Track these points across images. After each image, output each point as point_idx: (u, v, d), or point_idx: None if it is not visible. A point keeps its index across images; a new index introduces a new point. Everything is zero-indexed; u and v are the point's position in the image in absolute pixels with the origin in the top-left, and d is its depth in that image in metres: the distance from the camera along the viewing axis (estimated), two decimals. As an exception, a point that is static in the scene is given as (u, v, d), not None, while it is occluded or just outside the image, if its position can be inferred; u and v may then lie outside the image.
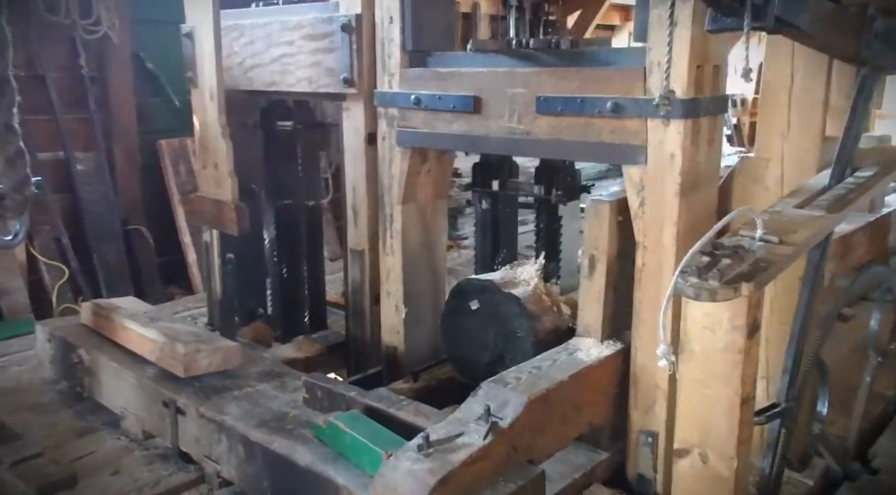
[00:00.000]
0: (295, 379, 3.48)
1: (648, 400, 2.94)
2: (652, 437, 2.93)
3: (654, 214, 2.83)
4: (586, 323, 3.12)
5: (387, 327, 3.91)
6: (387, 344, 3.99)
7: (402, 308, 3.77)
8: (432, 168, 3.74)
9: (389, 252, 3.79)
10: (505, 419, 2.58)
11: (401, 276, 3.75)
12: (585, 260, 3.08)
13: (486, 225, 3.96)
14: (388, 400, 2.96)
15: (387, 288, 3.84)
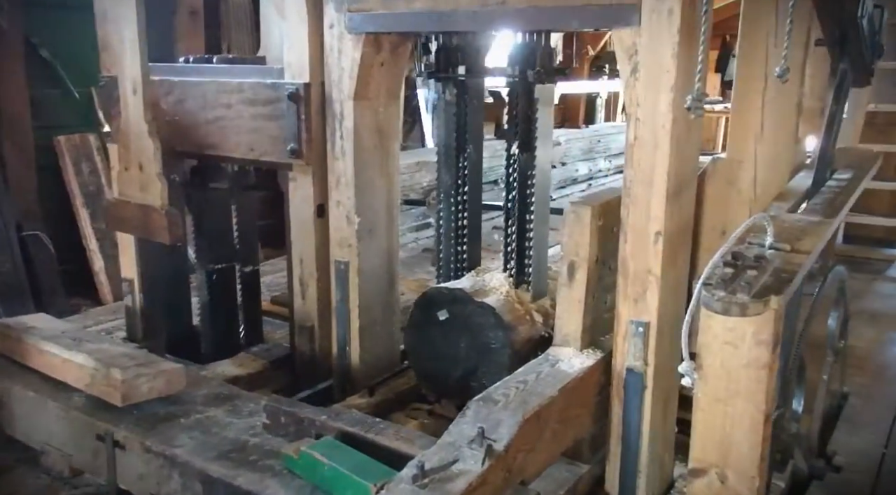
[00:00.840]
0: (248, 402, 3.19)
1: (639, 288, 2.77)
2: (643, 327, 2.76)
3: (648, 80, 2.60)
4: (565, 332, 3.00)
5: (336, 240, 3.59)
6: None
7: (355, 217, 3.46)
8: (386, 61, 3.43)
9: (339, 155, 3.47)
10: (500, 441, 2.42)
11: (353, 181, 3.44)
12: (564, 267, 2.95)
13: (450, 120, 3.48)
14: (365, 424, 2.73)
15: (336, 197, 3.52)
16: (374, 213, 3.64)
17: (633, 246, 2.78)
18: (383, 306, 3.76)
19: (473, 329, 3.13)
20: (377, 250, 3.69)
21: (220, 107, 3.72)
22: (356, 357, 3.70)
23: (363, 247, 3.59)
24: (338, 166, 3.53)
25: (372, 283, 3.67)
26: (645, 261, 2.76)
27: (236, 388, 3.38)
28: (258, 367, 3.93)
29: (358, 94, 3.40)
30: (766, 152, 2.99)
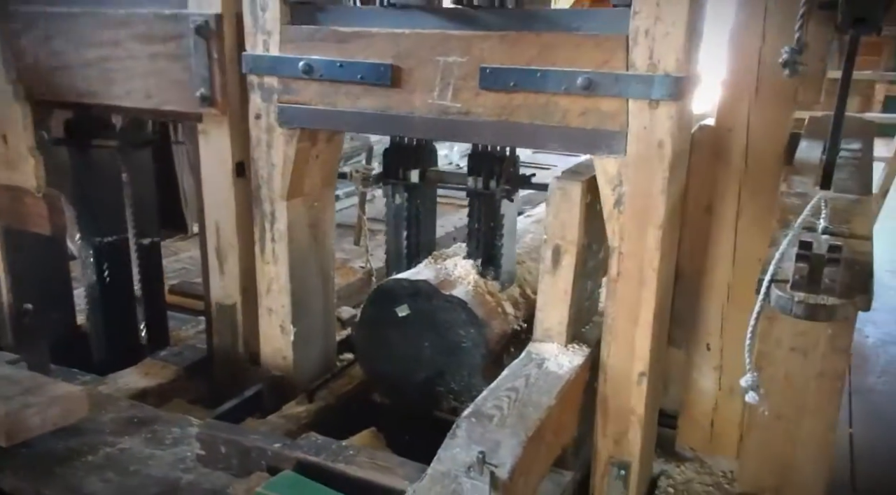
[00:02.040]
0: (171, 426, 2.63)
1: (621, 427, 2.57)
2: (625, 470, 2.58)
3: (634, 214, 2.38)
4: (548, 326, 2.63)
5: (268, 342, 3.14)
6: (268, 357, 3.22)
7: (290, 328, 3.03)
8: (322, 152, 2.97)
9: (271, 260, 3.00)
10: (502, 466, 2.03)
11: (287, 288, 2.99)
12: (548, 251, 2.57)
13: (399, 223, 3.13)
14: (330, 451, 2.26)
15: (268, 304, 3.06)
16: (312, 320, 3.15)
17: (614, 386, 2.53)
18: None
19: (440, 326, 2.70)
20: (313, 362, 3.23)
21: (105, 45, 3.00)
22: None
23: (299, 358, 3.11)
24: (270, 271, 3.01)
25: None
26: (626, 402, 2.51)
27: (152, 408, 2.80)
28: (169, 375, 3.33)
29: (291, 193, 2.89)
30: (761, 119, 2.71)
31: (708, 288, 2.93)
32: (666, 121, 2.26)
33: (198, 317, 4.14)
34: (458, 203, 6.65)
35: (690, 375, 3.05)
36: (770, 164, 2.74)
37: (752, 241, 2.82)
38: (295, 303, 3.03)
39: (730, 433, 3.03)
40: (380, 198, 7.17)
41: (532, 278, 3.10)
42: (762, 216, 2.79)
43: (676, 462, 3.03)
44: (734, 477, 2.95)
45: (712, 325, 2.96)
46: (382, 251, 3.35)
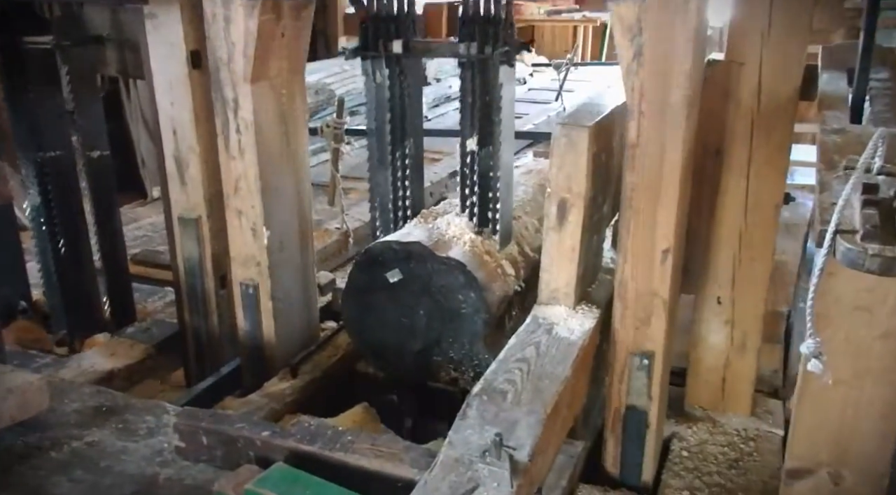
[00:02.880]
0: (144, 414, 2.38)
1: (642, 313, 2.35)
2: (648, 359, 2.36)
3: (656, 67, 2.10)
4: (554, 287, 2.41)
5: (238, 250, 2.82)
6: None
7: (263, 231, 2.72)
8: (288, 28, 2.63)
9: (237, 154, 2.68)
10: (521, 448, 1.83)
11: (257, 186, 2.67)
12: (552, 206, 2.34)
13: (381, 107, 2.72)
14: (325, 438, 2.03)
15: (236, 205, 2.75)
16: (285, 223, 2.85)
17: (636, 267, 2.31)
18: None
19: (436, 292, 2.47)
20: (292, 273, 2.93)
21: None
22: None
23: (275, 268, 2.81)
24: (236, 167, 2.69)
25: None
26: (648, 284, 2.31)
27: (122, 395, 2.53)
28: (138, 354, 3.07)
29: (256, 75, 2.57)
30: (775, 53, 2.48)
31: (718, 237, 2.73)
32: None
33: (164, 288, 3.86)
34: (431, 156, 6.40)
35: (699, 330, 2.87)
36: (784, 102, 2.53)
37: (765, 186, 2.62)
38: (267, 205, 2.71)
39: (742, 390, 2.88)
40: (350, 155, 6.88)
41: (529, 234, 2.88)
42: (776, 159, 2.59)
43: (687, 422, 2.87)
44: (748, 436, 2.82)
45: (723, 277, 2.77)
46: (359, 209, 3.09)
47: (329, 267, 4.33)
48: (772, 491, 2.54)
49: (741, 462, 2.69)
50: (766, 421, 2.90)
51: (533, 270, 2.77)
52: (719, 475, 2.62)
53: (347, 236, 4.59)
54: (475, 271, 2.42)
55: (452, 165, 6.25)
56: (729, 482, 2.58)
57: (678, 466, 2.66)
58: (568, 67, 8.55)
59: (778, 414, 2.94)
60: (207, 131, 2.81)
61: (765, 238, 2.67)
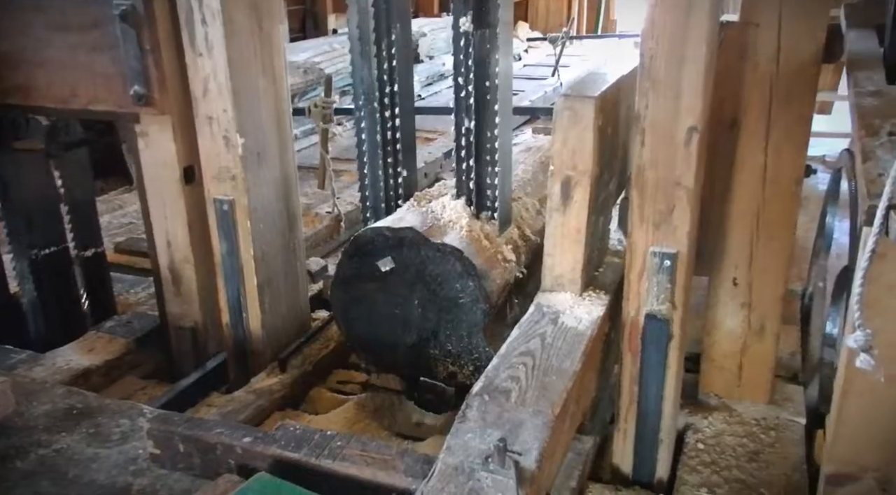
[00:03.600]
0: (118, 417, 2.20)
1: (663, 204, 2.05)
2: (670, 260, 2.07)
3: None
4: (559, 272, 2.23)
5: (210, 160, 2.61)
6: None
7: (237, 140, 2.51)
8: None
9: (203, 49, 2.44)
10: (528, 453, 1.65)
11: (228, 86, 2.44)
12: (556, 185, 2.15)
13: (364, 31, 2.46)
14: (312, 443, 1.85)
15: (206, 111, 2.52)
16: (262, 130, 2.63)
17: (655, 149, 2.02)
18: (284, 253, 2.83)
19: (431, 280, 2.28)
20: (270, 180, 2.71)
21: (14, 34, 2.59)
22: (255, 322, 2.77)
23: (252, 178, 2.60)
24: (203, 65, 2.47)
25: (267, 225, 2.71)
26: (671, 171, 2.03)
27: (94, 396, 2.35)
28: (117, 350, 2.89)
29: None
30: (794, 12, 2.28)
31: (734, 215, 2.54)
32: None
33: (149, 278, 3.67)
34: (425, 136, 6.19)
35: (715, 314, 2.69)
36: (806, 65, 2.32)
37: (785, 159, 2.43)
38: (239, 110, 2.48)
39: (761, 377, 2.71)
40: (342, 136, 6.66)
41: (530, 216, 2.69)
42: (797, 128, 2.39)
43: (702, 412, 2.70)
44: (768, 426, 2.65)
45: (739, 257, 2.58)
46: (350, 192, 2.91)
47: (321, 253, 4.14)
48: (796, 485, 2.38)
49: (762, 454, 2.51)
50: (786, 408, 2.73)
51: (535, 255, 2.59)
52: (739, 469, 2.45)
53: (339, 220, 4.39)
54: (473, 258, 2.24)
55: (448, 145, 6.06)
56: (750, 477, 2.41)
57: (694, 460, 2.49)
58: (564, 41, 8.29)
59: (798, 401, 2.77)
60: (201, 243, 2.74)
61: (784, 214, 2.48)
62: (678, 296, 2.12)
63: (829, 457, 1.53)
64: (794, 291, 3.53)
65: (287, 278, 2.86)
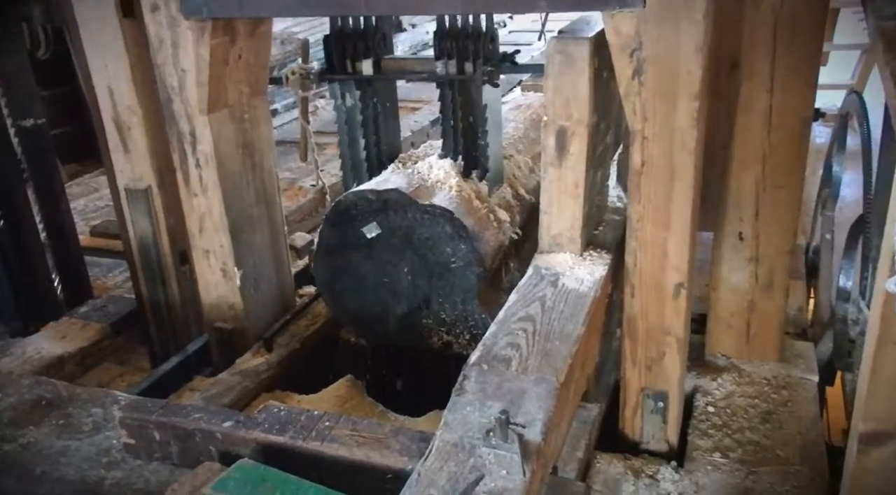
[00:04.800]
0: (90, 406, 2.05)
1: (654, 352, 2.14)
2: (662, 401, 2.17)
3: (660, 86, 1.86)
4: (556, 231, 2.09)
5: (209, 290, 2.56)
6: (212, 308, 2.64)
7: (234, 271, 2.48)
8: (245, 50, 2.34)
9: (198, 191, 2.41)
10: (532, 426, 1.51)
11: (223, 223, 2.43)
12: (550, 137, 1.99)
13: (354, 131, 2.47)
14: (298, 425, 1.71)
15: (203, 245, 2.49)
16: (259, 258, 2.58)
17: (645, 302, 2.07)
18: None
19: (420, 245, 2.13)
20: (267, 304, 2.65)
21: None
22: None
23: (250, 304, 2.56)
24: (199, 205, 2.41)
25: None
26: (660, 321, 2.08)
27: (65, 385, 2.20)
28: (93, 336, 2.73)
29: (213, 105, 2.27)
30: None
31: (738, 164, 2.38)
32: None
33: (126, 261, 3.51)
34: (410, 105, 6.00)
35: (719, 270, 2.55)
36: (816, 5, 2.17)
37: (792, 101, 2.27)
38: (236, 241, 2.46)
39: (770, 334, 2.58)
40: (324, 109, 6.44)
41: (523, 174, 2.54)
42: (805, 66, 2.23)
43: (710, 374, 2.57)
44: (780, 385, 2.53)
45: (745, 209, 2.43)
46: (334, 165, 2.76)
47: (305, 227, 3.98)
48: (812, 444, 2.27)
49: (775, 414, 2.39)
50: (797, 366, 2.61)
51: (530, 215, 2.44)
52: (752, 431, 2.33)
53: (324, 193, 4.22)
54: (464, 219, 2.08)
55: (434, 113, 5.87)
56: (764, 438, 2.29)
57: (705, 424, 2.37)
58: (550, 4, 8.04)
59: (809, 358, 2.65)
60: (147, 89, 2.48)
61: (792, 159, 2.33)
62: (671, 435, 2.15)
63: (864, 415, 1.40)
64: (798, 246, 3.40)
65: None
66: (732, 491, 2.08)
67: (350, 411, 2.33)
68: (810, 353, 2.67)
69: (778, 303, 2.53)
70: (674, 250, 1.99)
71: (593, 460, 2.15)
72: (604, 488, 2.05)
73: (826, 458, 2.20)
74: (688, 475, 2.15)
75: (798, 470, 2.15)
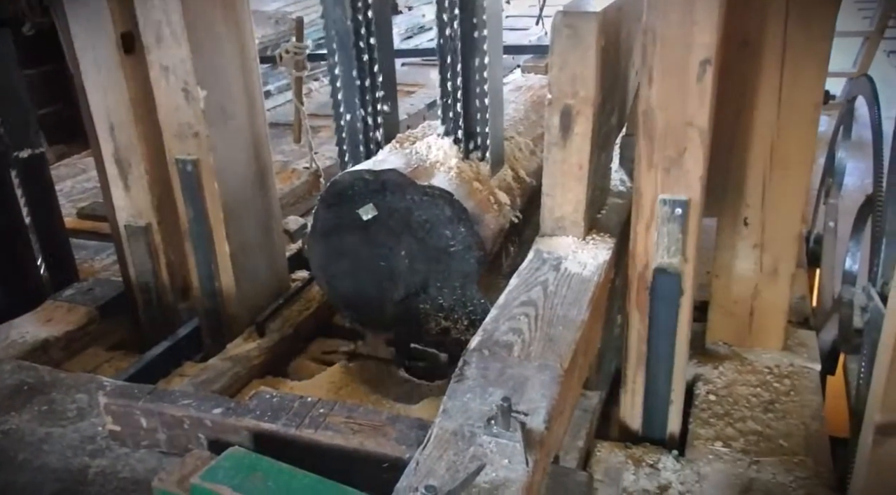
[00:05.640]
0: (74, 391, 1.98)
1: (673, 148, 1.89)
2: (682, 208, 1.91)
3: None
4: (559, 214, 2.02)
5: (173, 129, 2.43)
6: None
7: (198, 91, 2.30)
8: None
9: None
10: (535, 413, 1.45)
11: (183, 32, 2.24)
12: (555, 116, 1.92)
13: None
14: (291, 411, 1.64)
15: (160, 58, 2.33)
16: (225, 82, 2.39)
17: (664, 86, 1.84)
18: (257, 212, 2.60)
19: (419, 228, 2.05)
20: (238, 137, 2.47)
21: None
22: (229, 283, 2.55)
23: (218, 135, 2.36)
24: (152, 5, 2.21)
25: (237, 185, 2.47)
26: (682, 110, 1.85)
27: (48, 369, 2.13)
28: (79, 320, 2.65)
29: None
30: None
31: (745, 146, 2.31)
32: None
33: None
34: (406, 89, 5.92)
35: (723, 257, 2.49)
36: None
37: (803, 81, 2.19)
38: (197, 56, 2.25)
39: (773, 323, 2.53)
40: (318, 92, 6.33)
41: (524, 156, 2.46)
42: (816, 45, 2.15)
43: (711, 362, 2.52)
44: (782, 373, 2.48)
45: (751, 195, 2.37)
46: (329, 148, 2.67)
47: (299, 210, 3.91)
48: (815, 434, 2.22)
49: (777, 403, 2.34)
50: (800, 354, 2.55)
51: (530, 198, 2.37)
52: (754, 420, 2.28)
53: (318, 176, 4.14)
54: (464, 201, 2.01)
55: (430, 96, 5.79)
56: (766, 428, 2.23)
57: (706, 413, 2.31)
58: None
59: (812, 347, 2.60)
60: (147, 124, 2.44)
61: (801, 143, 2.27)
62: (690, 247, 1.92)
63: (880, 405, 1.35)
64: (801, 233, 3.35)
65: (262, 238, 2.64)
66: (735, 482, 2.03)
67: (344, 398, 2.27)
68: (813, 342, 2.62)
69: (783, 291, 2.48)
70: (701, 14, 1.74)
71: (594, 449, 2.09)
72: (605, 477, 2.00)
73: (830, 449, 2.16)
74: (689, 464, 2.09)
75: (802, 460, 2.10)
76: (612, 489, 1.94)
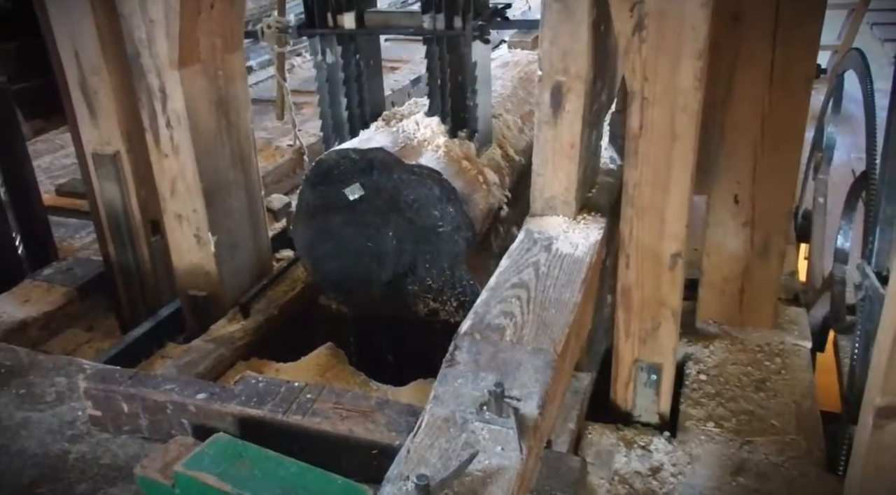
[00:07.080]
0: (53, 374, 1.93)
1: (649, 323, 2.05)
2: (656, 374, 2.10)
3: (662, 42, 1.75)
4: (550, 194, 1.98)
5: (182, 257, 2.45)
6: (185, 275, 2.52)
7: (209, 237, 2.39)
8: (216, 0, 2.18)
9: (169, 151, 2.30)
10: (528, 399, 1.42)
11: (197, 186, 2.32)
12: (546, 93, 1.87)
13: (335, 90, 2.29)
14: (278, 397, 1.60)
15: (175, 209, 2.39)
16: (235, 224, 2.48)
17: (640, 273, 1.98)
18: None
19: (406, 207, 2.01)
20: (242, 269, 2.56)
21: None
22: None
23: (227, 274, 2.47)
24: (170, 166, 2.31)
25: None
26: (656, 292, 1.99)
27: (26, 351, 2.07)
28: (58, 299, 2.60)
29: (184, 59, 2.16)
30: None
31: (736, 122, 2.28)
32: None
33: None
34: (390, 65, 5.81)
35: (713, 235, 2.47)
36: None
37: (794, 56, 2.16)
38: (210, 204, 2.36)
39: (764, 301, 2.52)
40: (301, 67, 6.21)
41: (512, 134, 2.42)
42: (809, 18, 2.12)
43: (702, 341, 2.50)
44: (773, 352, 2.47)
45: (741, 171, 2.34)
46: (312, 125, 2.62)
47: (283, 189, 3.84)
48: (806, 414, 2.21)
49: (768, 382, 2.34)
50: (790, 332, 2.55)
51: (519, 177, 2.33)
52: (745, 399, 2.27)
53: (302, 153, 4.07)
54: (452, 180, 1.97)
55: (415, 72, 5.70)
56: (758, 407, 2.23)
57: (697, 393, 2.30)
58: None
59: (803, 324, 2.59)
60: (114, 47, 2.34)
61: (793, 118, 2.24)
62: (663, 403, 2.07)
63: (881, 388, 1.33)
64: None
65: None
66: (727, 462, 2.02)
67: (331, 380, 2.23)
68: (803, 320, 2.62)
69: (773, 269, 2.46)
70: (672, 216, 1.91)
71: (585, 431, 2.08)
72: (596, 460, 1.98)
73: (821, 427, 2.15)
74: (681, 445, 2.08)
75: (794, 439, 2.09)
76: (604, 471, 1.92)
